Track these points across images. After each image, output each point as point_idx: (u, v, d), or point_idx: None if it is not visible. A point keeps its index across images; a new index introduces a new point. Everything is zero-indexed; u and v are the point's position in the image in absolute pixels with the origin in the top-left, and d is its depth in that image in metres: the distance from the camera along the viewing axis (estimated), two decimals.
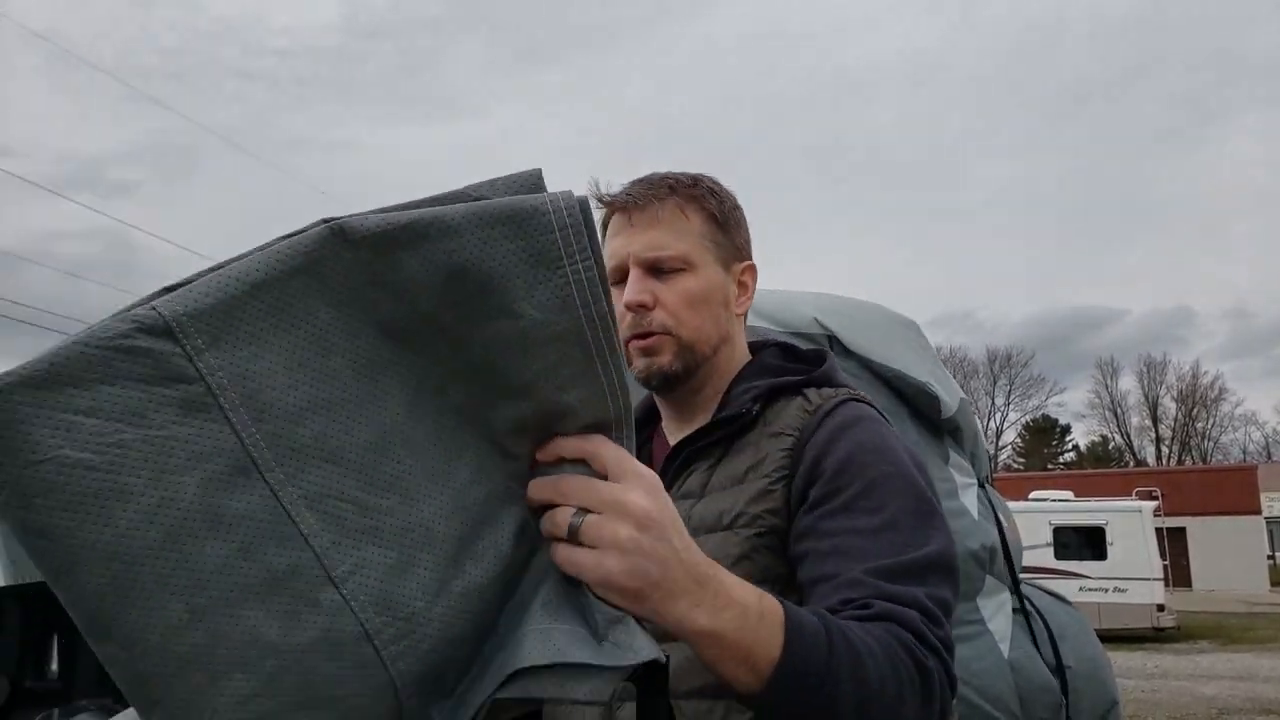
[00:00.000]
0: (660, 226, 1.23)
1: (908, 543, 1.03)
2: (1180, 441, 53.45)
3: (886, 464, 1.10)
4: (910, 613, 0.93)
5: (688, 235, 1.24)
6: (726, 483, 1.18)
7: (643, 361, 1.24)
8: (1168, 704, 10.15)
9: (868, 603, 0.94)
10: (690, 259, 1.23)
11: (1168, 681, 11.72)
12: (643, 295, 1.22)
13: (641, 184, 1.26)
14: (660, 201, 1.24)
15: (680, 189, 1.25)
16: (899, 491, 1.08)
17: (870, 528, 1.04)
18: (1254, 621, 20.03)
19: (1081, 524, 16.91)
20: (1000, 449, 53.53)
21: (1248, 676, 12.19)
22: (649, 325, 1.23)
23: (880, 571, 0.98)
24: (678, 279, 1.23)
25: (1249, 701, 10.28)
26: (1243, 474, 32.03)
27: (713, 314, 1.26)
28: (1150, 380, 53.90)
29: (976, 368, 54.17)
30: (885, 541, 1.02)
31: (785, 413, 1.20)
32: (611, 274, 1.24)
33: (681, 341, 1.24)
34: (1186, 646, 15.68)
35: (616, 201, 1.25)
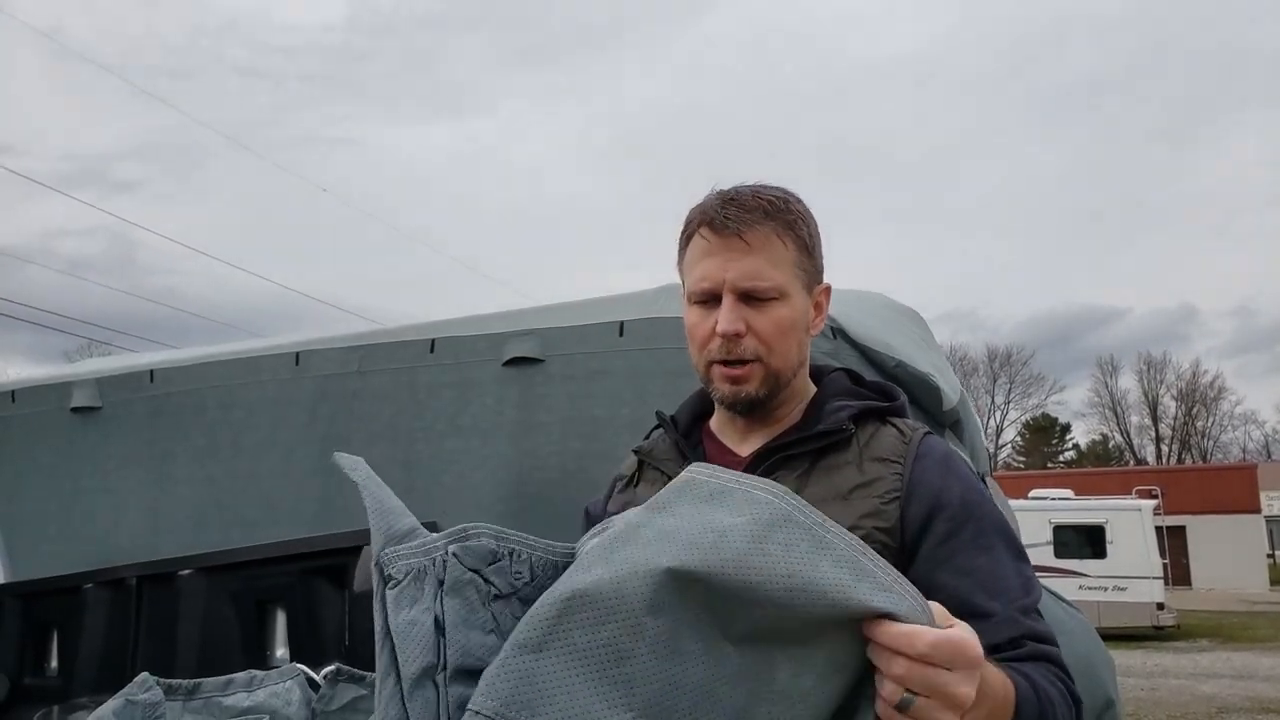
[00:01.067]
0: (757, 254, 1.23)
1: (1022, 576, 1.18)
2: (1180, 440, 53.44)
3: (986, 504, 1.22)
4: (1055, 651, 1.12)
5: (783, 264, 1.24)
6: (827, 496, 1.20)
7: (730, 389, 1.26)
8: (1167, 702, 10.15)
9: (1022, 642, 1.10)
10: (784, 288, 1.24)
11: (1167, 680, 11.73)
12: (737, 324, 1.23)
13: (736, 205, 1.25)
14: (757, 227, 1.23)
15: (776, 215, 1.25)
16: (1001, 529, 1.21)
17: (993, 565, 1.17)
18: (1253, 620, 20.03)
19: (1081, 522, 16.92)
20: (1000, 447, 53.52)
21: (1247, 675, 12.19)
22: (741, 353, 1.24)
23: (1026, 610, 1.14)
24: (771, 308, 1.24)
25: (1248, 700, 10.28)
26: (1242, 473, 32.02)
27: (798, 340, 1.28)
28: (1150, 379, 53.91)
29: (976, 366, 54.16)
30: (1010, 575, 1.17)
31: (882, 439, 1.25)
32: (699, 293, 1.26)
33: (769, 369, 1.25)
34: (1186, 645, 15.68)
35: (715, 223, 1.24)
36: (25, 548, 2.84)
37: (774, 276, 1.23)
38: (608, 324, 2.09)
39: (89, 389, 2.83)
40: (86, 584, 2.43)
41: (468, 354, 2.25)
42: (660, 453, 1.37)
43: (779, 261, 1.24)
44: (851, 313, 1.84)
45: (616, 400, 2.04)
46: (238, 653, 2.28)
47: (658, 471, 1.35)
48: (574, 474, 2.05)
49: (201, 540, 2.56)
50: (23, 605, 2.58)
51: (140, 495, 2.73)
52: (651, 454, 1.38)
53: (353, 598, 2.07)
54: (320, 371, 2.46)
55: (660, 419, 1.40)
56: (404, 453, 2.31)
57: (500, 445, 2.22)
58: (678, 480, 0.96)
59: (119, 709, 1.12)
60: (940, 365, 1.93)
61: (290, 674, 1.23)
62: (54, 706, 2.48)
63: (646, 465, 1.39)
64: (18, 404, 2.99)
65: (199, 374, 2.68)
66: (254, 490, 2.55)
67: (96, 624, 2.43)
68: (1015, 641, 1.10)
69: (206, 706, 1.17)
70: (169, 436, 2.71)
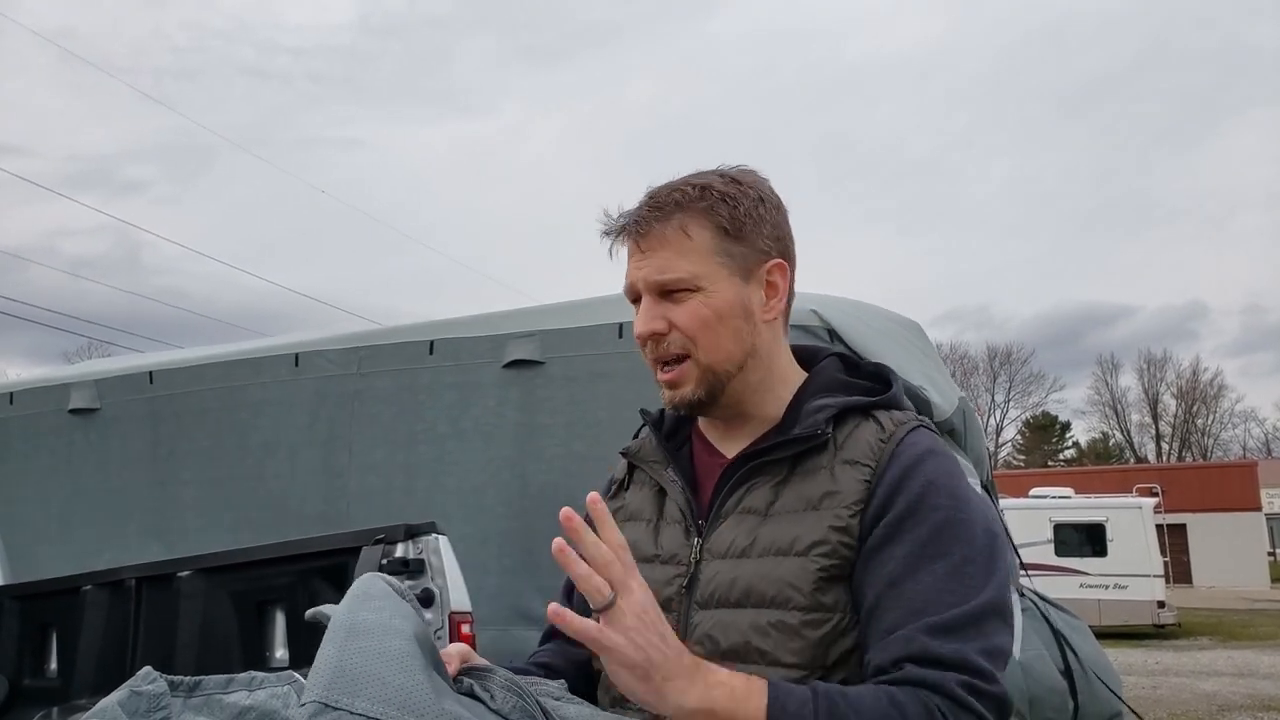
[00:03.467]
0: (666, 249, 1.20)
1: (967, 592, 1.06)
2: (1180, 438, 53.42)
3: (955, 507, 1.12)
4: (949, 677, 1.00)
5: (693, 254, 1.20)
6: (798, 505, 1.15)
7: (668, 394, 1.24)
8: (1168, 700, 10.14)
9: (902, 665, 1.01)
10: (699, 279, 1.19)
11: (1168, 678, 11.72)
12: (654, 323, 1.20)
13: (649, 203, 1.23)
14: (664, 221, 1.20)
15: (687, 204, 1.21)
16: (965, 537, 1.10)
17: (932, 577, 1.07)
18: (1254, 618, 20.04)
19: (1082, 521, 16.91)
20: (1000, 446, 53.51)
21: (1248, 673, 12.19)
22: (667, 350, 1.21)
23: (936, 629, 1.03)
24: (687, 301, 1.20)
25: (1249, 698, 10.28)
26: (1243, 470, 32.03)
27: (732, 330, 1.21)
28: (1150, 377, 53.89)
29: (977, 364, 54.17)
30: (946, 591, 1.06)
31: (859, 439, 1.18)
32: (629, 298, 1.25)
33: (701, 365, 1.21)
34: (1187, 643, 15.68)
35: (625, 230, 1.23)
36: (24, 549, 2.83)
37: (681, 268, 1.19)
38: (608, 325, 2.08)
39: (88, 390, 2.82)
40: (86, 585, 2.42)
41: (468, 356, 2.25)
42: (647, 454, 1.34)
43: (687, 252, 1.19)
44: (847, 321, 1.84)
45: (618, 402, 2.03)
46: (237, 653, 2.27)
47: (646, 475, 1.33)
48: (576, 476, 2.05)
49: (202, 541, 2.55)
50: (22, 606, 2.57)
51: (141, 496, 2.72)
52: (639, 455, 1.35)
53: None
54: (320, 373, 2.46)
55: (645, 417, 1.37)
56: (405, 455, 2.30)
57: (502, 448, 2.21)
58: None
59: (124, 699, 1.12)
60: (936, 377, 1.93)
61: (289, 680, 1.23)
62: (53, 708, 2.47)
63: (635, 468, 1.36)
64: (16, 406, 2.99)
65: (199, 375, 2.67)
66: (256, 491, 2.54)
67: (96, 625, 2.42)
68: (898, 664, 1.02)
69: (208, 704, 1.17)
70: (169, 438, 2.70)
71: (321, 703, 0.85)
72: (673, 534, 1.24)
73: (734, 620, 1.13)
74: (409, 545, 2.07)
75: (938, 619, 1.03)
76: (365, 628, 0.95)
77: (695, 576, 1.19)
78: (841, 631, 1.10)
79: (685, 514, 1.24)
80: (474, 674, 1.02)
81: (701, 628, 1.16)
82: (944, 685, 0.99)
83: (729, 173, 1.26)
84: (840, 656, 1.10)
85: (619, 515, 1.32)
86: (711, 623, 1.15)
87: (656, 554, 1.24)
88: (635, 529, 1.28)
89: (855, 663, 1.10)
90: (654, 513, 1.28)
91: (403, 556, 2.11)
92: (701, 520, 1.22)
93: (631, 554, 1.03)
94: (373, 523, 2.09)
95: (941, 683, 0.99)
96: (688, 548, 1.21)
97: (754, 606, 1.12)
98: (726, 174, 1.25)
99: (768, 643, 1.10)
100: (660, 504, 1.28)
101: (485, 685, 0.99)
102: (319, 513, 2.43)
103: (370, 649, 0.92)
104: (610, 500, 1.37)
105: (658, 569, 1.22)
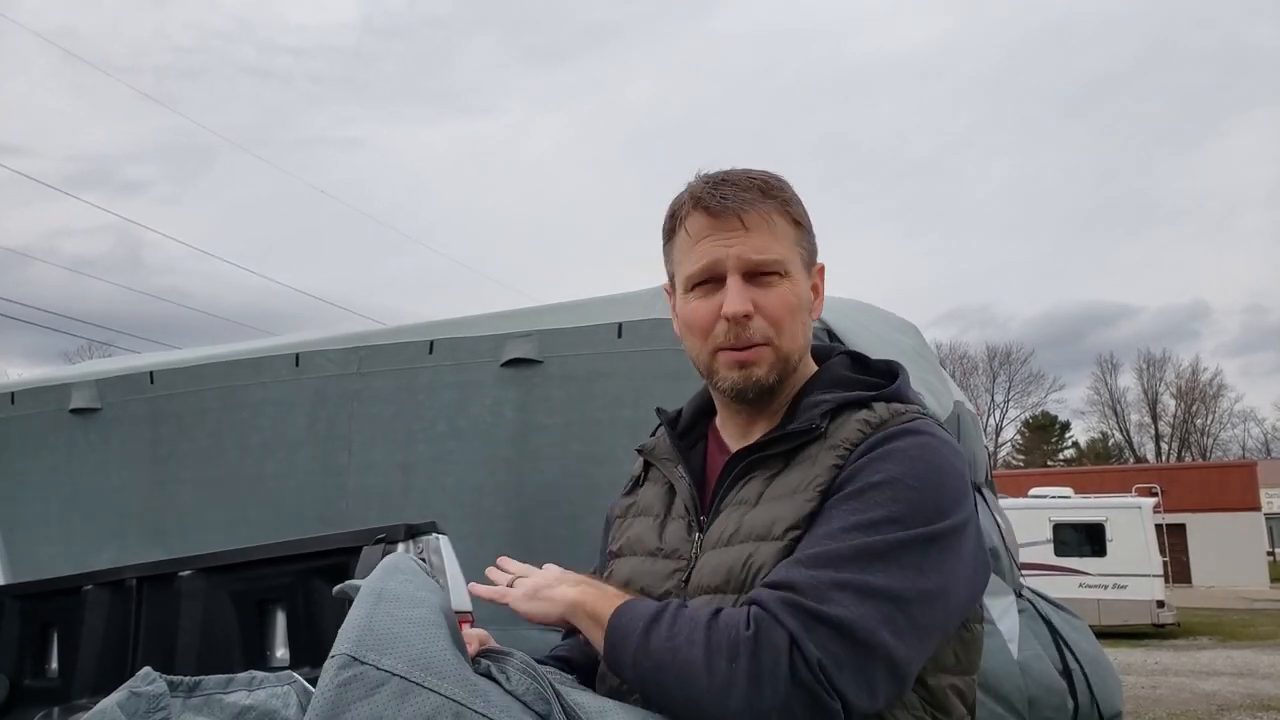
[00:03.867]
0: (760, 229, 1.19)
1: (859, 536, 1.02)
2: (1180, 438, 53.39)
3: (909, 476, 1.07)
4: (774, 594, 1.00)
5: (784, 240, 1.20)
6: (782, 493, 1.16)
7: (738, 374, 1.20)
8: (1168, 700, 10.14)
9: (759, 594, 1.02)
10: (788, 266, 1.20)
11: (1168, 678, 11.72)
12: (746, 304, 1.18)
13: (729, 185, 1.21)
14: (755, 205, 1.19)
15: (771, 191, 1.21)
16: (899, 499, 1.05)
17: (838, 523, 1.05)
18: (1254, 618, 20.03)
19: (1081, 521, 16.91)
20: (1000, 446, 53.48)
21: (1247, 673, 12.19)
22: (750, 336, 1.19)
23: (801, 560, 1.03)
24: (778, 286, 1.19)
25: (1249, 698, 10.28)
26: (1242, 470, 32.00)
27: (804, 322, 1.23)
28: (1150, 377, 53.87)
29: (976, 364, 54.15)
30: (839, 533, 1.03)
31: (845, 427, 1.16)
32: (699, 275, 1.21)
33: (780, 352, 1.20)
34: (1186, 643, 15.68)
35: (710, 205, 1.19)
36: (24, 549, 2.84)
37: (779, 251, 1.19)
38: (606, 325, 2.09)
39: (88, 390, 2.83)
40: (86, 585, 2.43)
41: (467, 355, 2.25)
42: (661, 451, 1.35)
43: (781, 237, 1.20)
44: (845, 321, 1.85)
45: (616, 402, 2.04)
46: (238, 653, 2.28)
47: (659, 472, 1.34)
48: (574, 475, 2.05)
49: (200, 541, 2.55)
50: (23, 606, 2.58)
51: (141, 497, 2.72)
52: (654, 453, 1.36)
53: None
54: (320, 372, 2.46)
55: (661, 416, 1.38)
56: (403, 454, 2.31)
57: (500, 447, 2.21)
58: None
59: (123, 701, 1.12)
60: (932, 381, 1.93)
61: (288, 680, 1.23)
62: (54, 708, 2.47)
63: (651, 465, 1.37)
64: (17, 405, 2.99)
65: (199, 375, 2.68)
66: (254, 491, 2.54)
67: (96, 625, 2.43)
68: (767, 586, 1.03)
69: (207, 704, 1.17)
70: (169, 438, 2.70)
71: (350, 656, 0.87)
72: (676, 529, 1.26)
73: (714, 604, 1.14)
74: (409, 545, 2.08)
75: (807, 553, 1.03)
76: (394, 595, 0.99)
77: (693, 570, 1.20)
78: None
79: (690, 510, 1.25)
80: (492, 655, 1.04)
81: None
82: (761, 599, 1.00)
83: (771, 174, 1.26)
84: None
85: (632, 511, 1.35)
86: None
87: (660, 548, 1.26)
88: (643, 525, 1.31)
89: None
90: (662, 509, 1.30)
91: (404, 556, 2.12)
92: (704, 516, 1.23)
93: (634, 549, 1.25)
94: (371, 522, 2.10)
95: (760, 598, 1.00)
96: (689, 543, 1.22)
97: (733, 591, 1.13)
98: (771, 175, 1.26)
99: None
100: (669, 500, 1.30)
101: (502, 667, 1.00)
102: (317, 512, 2.43)
103: (399, 615, 0.95)
104: (626, 497, 1.39)
105: (659, 563, 1.24)
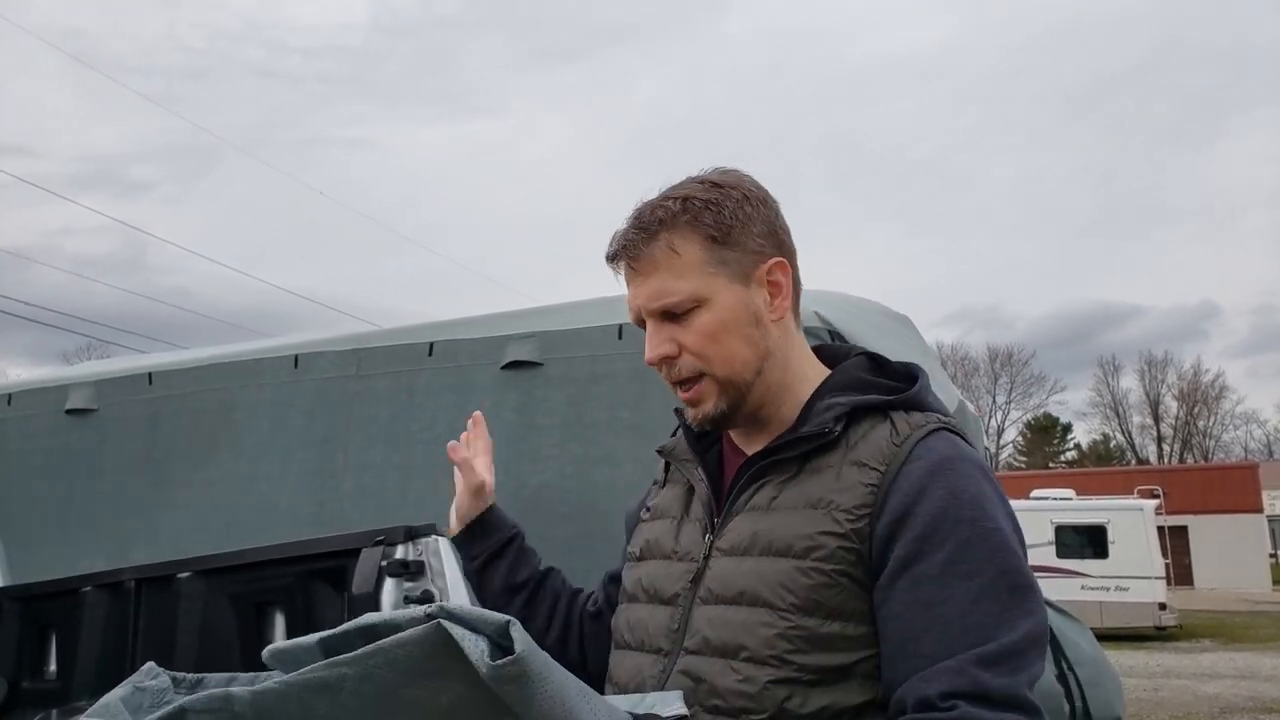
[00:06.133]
0: (658, 271, 1.19)
1: (1004, 615, 1.03)
2: (1182, 440, 53.37)
3: (981, 520, 1.08)
4: (1008, 717, 0.98)
5: (687, 271, 1.18)
6: (798, 503, 1.14)
7: (691, 412, 1.25)
8: (1170, 703, 10.14)
9: (953, 702, 0.98)
10: (699, 294, 1.18)
11: (1169, 680, 11.71)
12: (663, 347, 1.20)
13: (634, 225, 1.21)
14: (651, 243, 1.19)
15: (670, 220, 1.19)
16: (996, 552, 1.06)
17: (966, 598, 1.04)
18: (1256, 620, 20.00)
19: (1083, 522, 16.91)
20: (1001, 447, 53.46)
21: (1250, 675, 12.17)
22: (680, 373, 1.21)
23: (985, 660, 1.00)
24: (693, 318, 1.19)
25: (1251, 700, 10.27)
26: (1244, 472, 31.98)
27: (743, 337, 1.20)
28: (1151, 379, 53.85)
29: (977, 365, 54.13)
30: (982, 614, 1.03)
31: (870, 440, 1.15)
32: (635, 324, 1.26)
33: (718, 380, 1.21)
34: (1188, 645, 15.66)
35: (612, 257, 1.23)
36: (23, 551, 2.83)
37: (679, 288, 1.18)
38: (607, 326, 2.08)
39: (86, 391, 2.82)
40: (85, 587, 2.42)
41: (466, 357, 2.25)
42: (680, 452, 1.35)
43: (681, 271, 1.18)
44: (848, 319, 1.83)
45: (616, 404, 2.03)
46: (237, 655, 2.27)
47: (679, 472, 1.34)
48: (573, 478, 2.04)
49: (200, 544, 2.55)
50: (21, 608, 2.57)
51: (138, 498, 2.72)
52: (673, 454, 1.36)
53: (352, 600, 2.06)
54: (319, 374, 2.46)
55: (680, 417, 1.37)
56: (402, 456, 2.30)
57: (499, 449, 2.20)
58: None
59: (126, 695, 1.11)
60: (936, 373, 1.92)
61: None
62: (53, 710, 2.47)
63: (670, 466, 1.37)
64: (13, 407, 2.99)
65: (199, 376, 2.67)
66: (253, 494, 2.54)
67: (95, 627, 2.42)
68: (949, 699, 0.99)
69: None
70: (166, 439, 2.70)
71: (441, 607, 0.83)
72: (691, 531, 1.25)
73: (728, 617, 1.14)
74: (409, 547, 2.07)
75: (985, 650, 1.01)
76: None
77: (703, 572, 1.19)
78: (834, 638, 1.09)
79: (706, 512, 1.25)
80: None
81: (698, 622, 1.17)
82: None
83: (708, 177, 1.24)
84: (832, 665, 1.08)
85: (652, 514, 1.35)
86: (708, 618, 1.16)
87: (675, 550, 1.26)
88: (660, 526, 1.31)
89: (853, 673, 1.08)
90: (680, 510, 1.29)
91: (402, 558, 2.11)
92: (718, 518, 1.23)
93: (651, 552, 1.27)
94: (367, 524, 2.09)
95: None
96: (701, 545, 1.22)
97: (748, 605, 1.12)
98: (705, 179, 1.24)
99: (753, 641, 1.10)
100: (687, 502, 1.30)
101: None
102: (312, 514, 2.43)
103: None
104: (650, 499, 1.39)
105: (673, 565, 1.24)
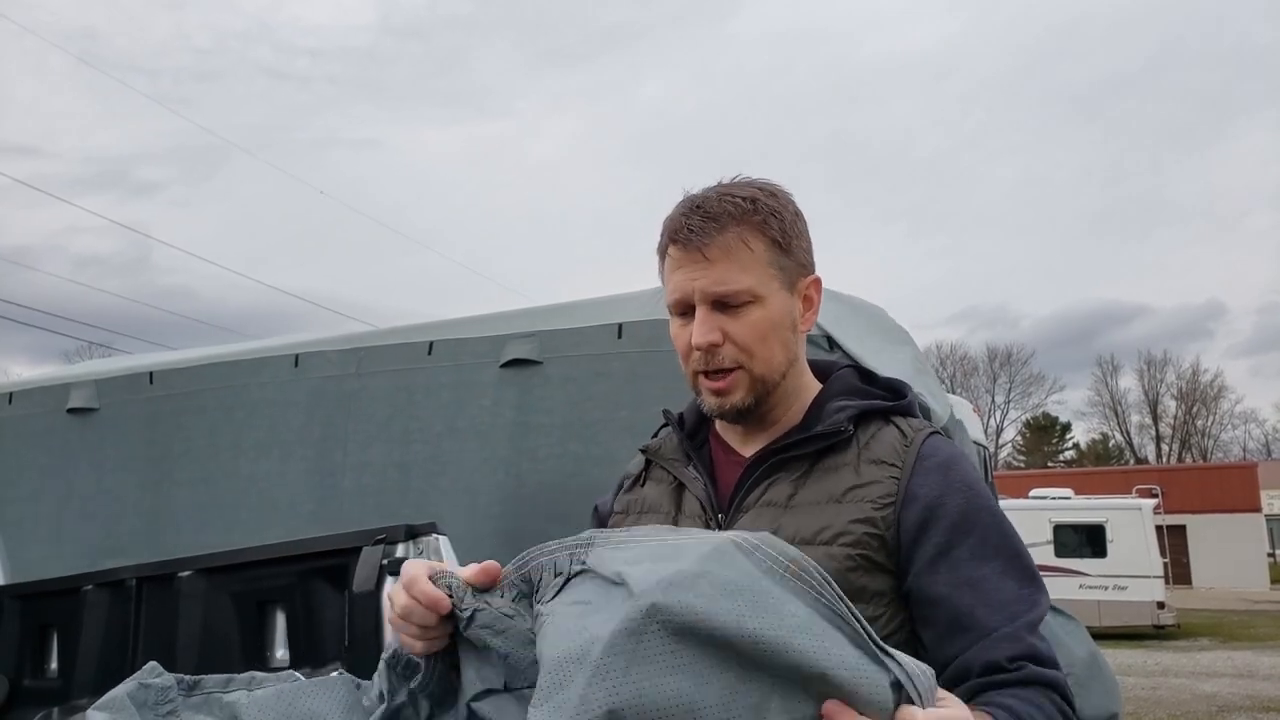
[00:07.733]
0: (724, 260, 1.21)
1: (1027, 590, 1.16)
2: (1180, 439, 53.38)
3: (995, 510, 1.20)
4: (1055, 675, 1.10)
5: (753, 266, 1.22)
6: (821, 498, 1.20)
7: (715, 400, 1.26)
8: (1168, 701, 10.15)
9: (1021, 664, 1.09)
10: (757, 291, 1.22)
11: (1168, 679, 11.73)
12: (712, 334, 1.22)
13: (701, 214, 1.23)
14: (721, 233, 1.21)
15: (742, 216, 1.22)
16: (1005, 539, 1.19)
17: (1006, 577, 1.15)
18: (1254, 619, 20.03)
19: (1082, 522, 16.92)
20: (1000, 447, 53.48)
21: (1248, 674, 12.19)
22: (720, 362, 1.23)
23: (1030, 627, 1.12)
24: (746, 312, 1.22)
25: (1249, 699, 10.28)
26: (1243, 471, 32.02)
27: (782, 341, 1.25)
28: (1150, 378, 53.87)
29: (976, 365, 54.17)
30: (1021, 589, 1.15)
31: (883, 440, 1.24)
32: (674, 306, 1.26)
33: (753, 375, 1.24)
34: (1187, 644, 15.68)
35: (678, 237, 1.23)
36: (23, 549, 2.84)
37: (743, 281, 1.21)
38: (606, 326, 2.09)
39: (87, 390, 2.83)
40: (86, 585, 2.43)
41: (466, 356, 2.25)
42: (667, 452, 1.37)
43: (748, 265, 1.21)
44: (844, 327, 1.85)
45: (615, 402, 2.04)
46: (237, 653, 2.28)
47: (665, 471, 1.36)
48: (572, 476, 2.05)
49: (200, 542, 2.56)
50: (22, 606, 2.58)
51: (138, 497, 2.73)
52: (659, 453, 1.38)
53: (353, 598, 2.07)
54: (319, 373, 2.47)
55: (667, 418, 1.40)
56: (401, 454, 2.31)
57: (498, 447, 2.22)
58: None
59: (132, 692, 1.13)
60: (930, 384, 1.93)
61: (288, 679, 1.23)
62: (54, 708, 2.48)
63: (654, 465, 1.39)
64: (14, 405, 3.00)
65: (199, 376, 2.68)
66: (253, 491, 2.55)
67: (96, 625, 2.43)
68: (1016, 661, 1.08)
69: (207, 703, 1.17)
70: (166, 438, 2.71)
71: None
72: (689, 527, 1.26)
73: None
74: (409, 545, 2.08)
75: (1031, 618, 1.13)
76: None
77: None
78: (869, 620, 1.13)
79: (706, 508, 1.27)
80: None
81: None
82: (1059, 683, 1.10)
83: (764, 184, 1.28)
84: None
85: (635, 508, 1.37)
86: None
87: None
88: (653, 521, 1.32)
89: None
90: (672, 506, 1.32)
91: (403, 557, 2.12)
92: (721, 514, 1.25)
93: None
94: (367, 521, 2.10)
95: (1058, 681, 1.09)
96: None
97: None
98: (763, 186, 1.28)
99: None
100: (678, 499, 1.32)
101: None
102: (311, 512, 2.43)
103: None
104: (625, 494, 1.41)
105: None
